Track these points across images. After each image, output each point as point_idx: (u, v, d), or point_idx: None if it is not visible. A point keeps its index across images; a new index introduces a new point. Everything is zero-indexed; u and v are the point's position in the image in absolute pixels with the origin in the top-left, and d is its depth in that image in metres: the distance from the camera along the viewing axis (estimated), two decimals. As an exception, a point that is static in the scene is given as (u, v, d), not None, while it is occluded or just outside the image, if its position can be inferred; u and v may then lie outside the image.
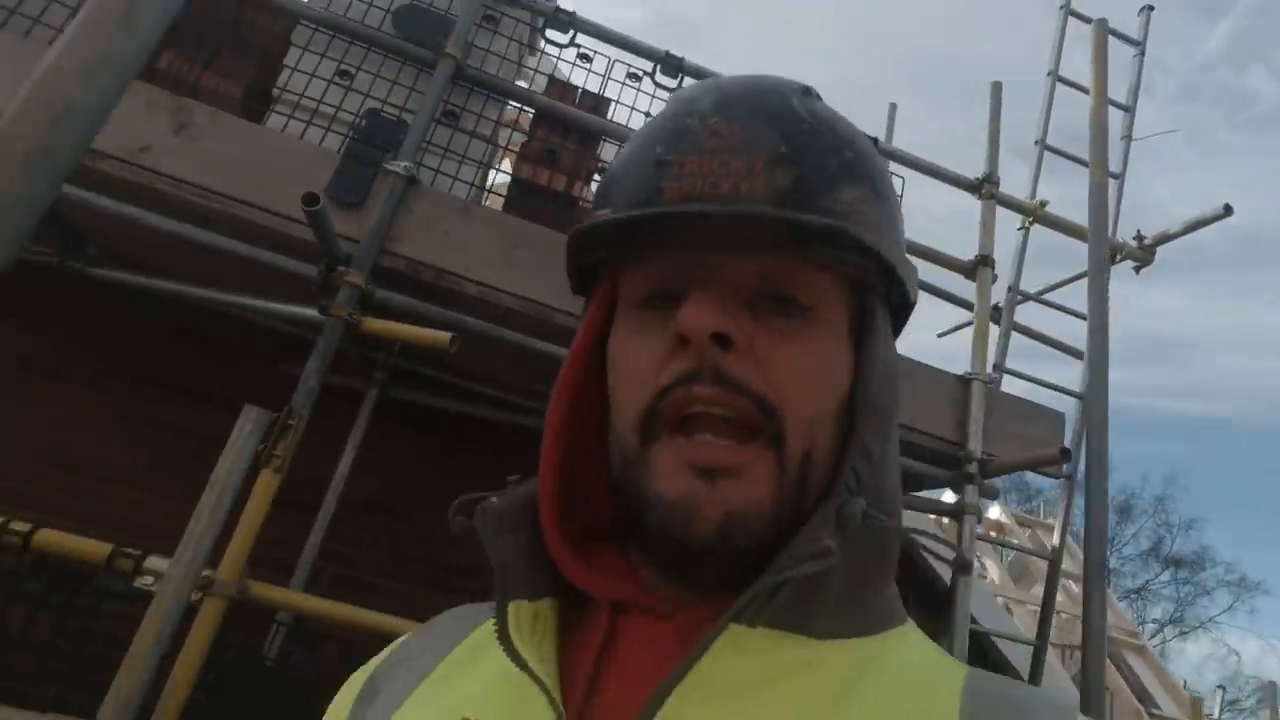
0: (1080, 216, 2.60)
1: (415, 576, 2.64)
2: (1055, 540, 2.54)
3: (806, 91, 0.43)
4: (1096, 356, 1.80)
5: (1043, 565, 6.58)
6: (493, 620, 0.40)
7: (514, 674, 0.37)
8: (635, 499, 0.38)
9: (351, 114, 2.01)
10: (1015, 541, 5.82)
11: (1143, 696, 4.68)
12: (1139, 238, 2.68)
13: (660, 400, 0.38)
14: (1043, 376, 2.71)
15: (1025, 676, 2.98)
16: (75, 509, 2.16)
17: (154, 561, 1.52)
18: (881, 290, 0.42)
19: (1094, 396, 1.80)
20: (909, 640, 0.41)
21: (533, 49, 2.46)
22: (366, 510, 2.63)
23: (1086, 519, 1.74)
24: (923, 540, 0.41)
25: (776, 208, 0.37)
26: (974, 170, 2.50)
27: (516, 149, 2.26)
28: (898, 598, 0.42)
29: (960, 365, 2.29)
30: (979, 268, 2.33)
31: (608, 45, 2.30)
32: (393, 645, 0.48)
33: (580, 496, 0.43)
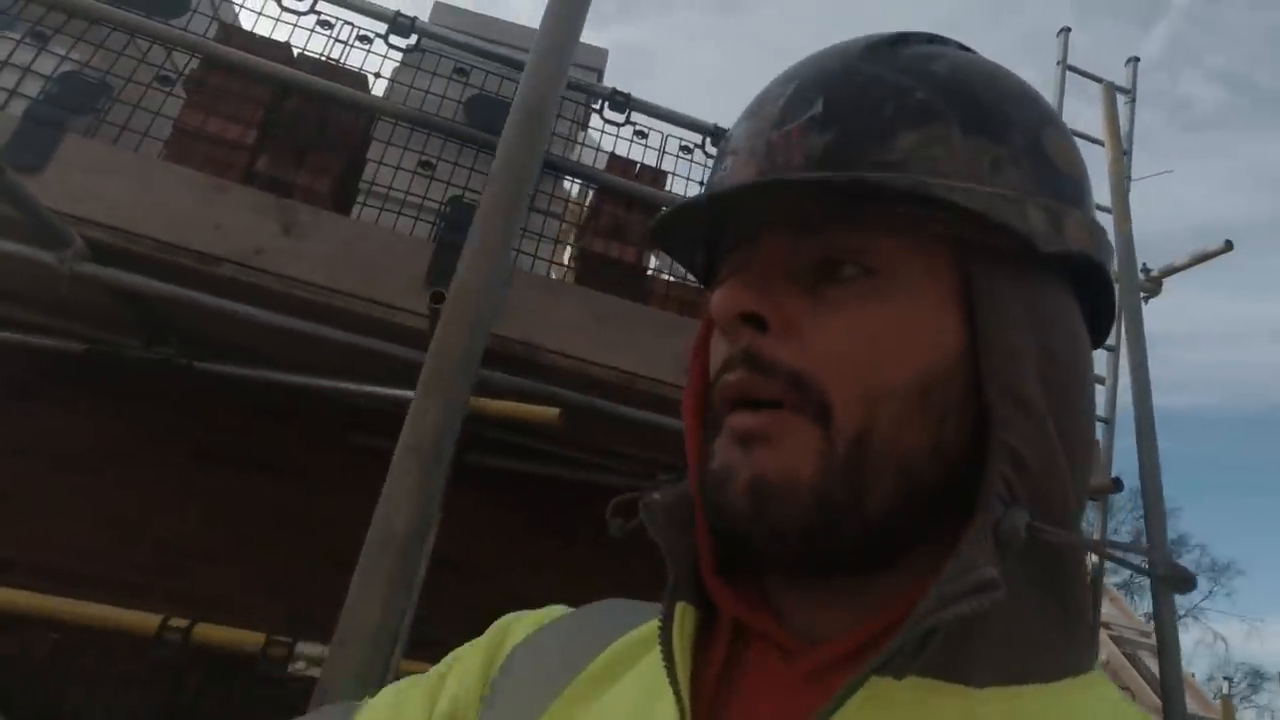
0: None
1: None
2: (1093, 557, 2.71)
3: (894, 42, 0.38)
4: (1140, 396, 1.99)
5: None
6: (647, 625, 0.39)
7: (656, 682, 0.35)
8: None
9: (436, 202, 2.13)
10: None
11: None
12: (1145, 270, 2.90)
13: (711, 393, 0.37)
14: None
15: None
16: (185, 592, 2.21)
17: (304, 647, 1.60)
18: (999, 245, 0.35)
19: (1144, 437, 1.99)
20: (1098, 695, 0.34)
21: (583, 126, 2.61)
22: (440, 569, 2.71)
23: (1149, 545, 1.92)
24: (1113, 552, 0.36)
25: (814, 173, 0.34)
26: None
27: (579, 224, 2.40)
28: (1088, 637, 0.35)
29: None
30: (1013, 310, 2.52)
31: (660, 121, 2.46)
32: (546, 618, 0.45)
33: None
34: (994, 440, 0.32)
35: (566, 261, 2.43)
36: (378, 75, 2.23)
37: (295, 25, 2.18)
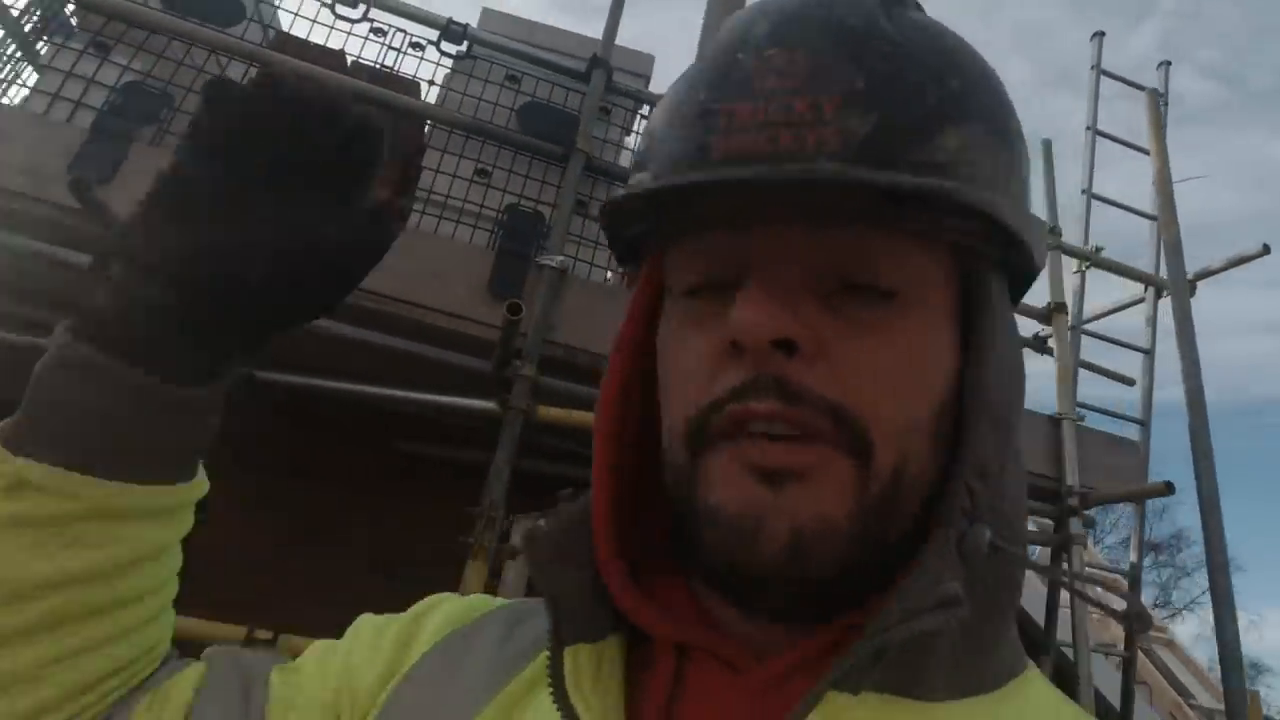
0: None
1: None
2: (1133, 556, 2.75)
3: (896, 3, 0.34)
4: (1195, 401, 2.01)
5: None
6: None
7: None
8: (690, 515, 0.33)
9: (494, 210, 2.15)
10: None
11: (1179, 690, 4.94)
12: (1180, 273, 2.92)
13: (712, 415, 0.31)
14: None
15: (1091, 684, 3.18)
16: (226, 599, 2.22)
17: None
18: (997, 258, 0.34)
19: (1198, 440, 2.02)
20: (1035, 693, 0.34)
21: (629, 131, 2.62)
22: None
23: (1208, 555, 1.95)
24: (1080, 585, 0.36)
25: (853, 163, 0.29)
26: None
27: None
28: (1019, 639, 0.36)
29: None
30: (1055, 314, 2.55)
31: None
32: (472, 613, 0.41)
33: (643, 507, 0.37)
34: (965, 454, 0.31)
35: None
36: (431, 82, 2.24)
37: (349, 34, 2.18)
